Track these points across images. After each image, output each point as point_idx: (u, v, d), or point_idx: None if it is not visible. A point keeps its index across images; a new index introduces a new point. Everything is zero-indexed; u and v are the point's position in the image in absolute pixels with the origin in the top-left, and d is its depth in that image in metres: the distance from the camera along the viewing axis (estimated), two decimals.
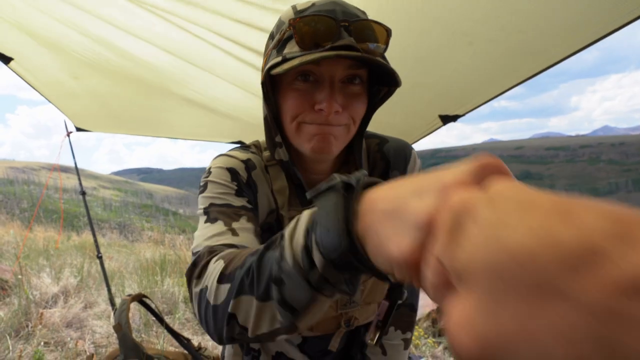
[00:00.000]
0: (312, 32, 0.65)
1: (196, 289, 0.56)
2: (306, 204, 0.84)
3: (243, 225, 0.69)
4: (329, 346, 0.92)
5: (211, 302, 0.51)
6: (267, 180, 0.84)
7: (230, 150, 0.87)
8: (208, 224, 0.68)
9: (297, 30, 0.66)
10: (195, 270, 0.58)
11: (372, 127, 2.32)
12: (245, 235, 0.67)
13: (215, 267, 0.54)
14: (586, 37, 1.23)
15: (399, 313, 0.94)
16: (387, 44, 0.70)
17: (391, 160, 0.88)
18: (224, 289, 0.50)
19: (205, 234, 0.66)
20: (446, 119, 1.93)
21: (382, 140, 0.91)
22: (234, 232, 0.66)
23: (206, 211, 0.71)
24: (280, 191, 0.82)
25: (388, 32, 0.69)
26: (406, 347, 0.97)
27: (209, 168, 0.80)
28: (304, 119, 0.71)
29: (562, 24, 1.22)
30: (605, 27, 1.16)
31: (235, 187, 0.75)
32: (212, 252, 0.60)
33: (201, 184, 0.78)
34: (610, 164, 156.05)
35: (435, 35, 1.36)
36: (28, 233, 4.60)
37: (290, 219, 0.80)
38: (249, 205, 0.74)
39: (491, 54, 1.42)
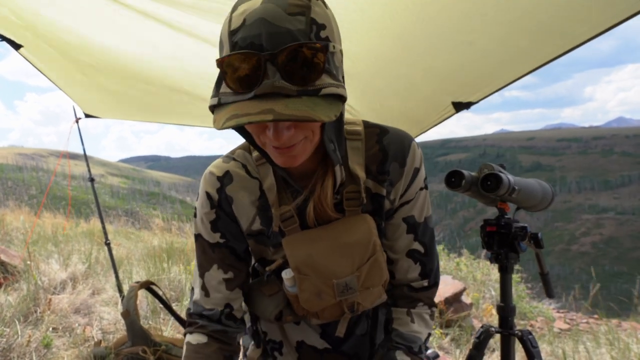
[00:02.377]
0: (238, 74, 0.62)
1: (185, 337, 0.93)
2: (296, 195, 0.86)
3: (213, 275, 0.91)
4: (336, 332, 0.94)
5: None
6: (253, 185, 0.88)
7: (214, 162, 0.92)
8: (195, 266, 0.94)
9: (224, 74, 0.64)
10: (187, 323, 0.94)
11: (383, 113, 2.25)
12: (213, 292, 0.91)
13: (185, 347, 0.91)
14: (609, 18, 1.16)
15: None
16: (325, 60, 0.63)
17: (390, 152, 0.88)
18: None
19: (194, 282, 0.95)
20: (459, 106, 1.87)
21: (382, 130, 0.90)
22: (206, 293, 0.91)
23: (195, 244, 0.94)
24: (269, 189, 0.86)
25: (323, 49, 0.62)
26: None
27: (200, 187, 0.92)
28: (261, 140, 0.72)
29: (585, 3, 1.15)
30: (631, 8, 1.09)
31: (213, 217, 0.90)
32: (191, 318, 0.93)
33: (194, 204, 0.94)
34: (624, 156, 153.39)
35: (450, 16, 1.29)
36: (37, 219, 4.64)
37: (282, 215, 0.85)
38: (222, 240, 0.91)
39: (509, 36, 1.36)
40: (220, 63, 0.64)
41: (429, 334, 0.94)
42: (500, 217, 1.20)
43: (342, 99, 0.66)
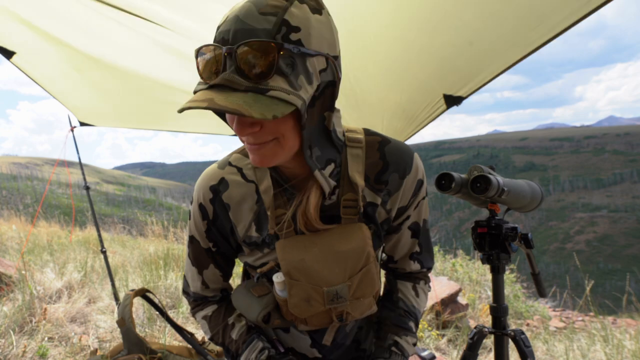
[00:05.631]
0: (204, 64, 0.67)
1: (197, 318, 1.04)
2: (291, 198, 0.86)
3: (211, 272, 0.98)
4: (323, 340, 0.95)
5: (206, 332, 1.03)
6: (249, 189, 0.88)
7: (209, 168, 0.92)
8: (189, 263, 0.99)
9: (197, 63, 0.68)
10: (192, 307, 1.04)
11: (378, 106, 2.26)
12: (212, 284, 1.00)
13: (203, 322, 1.02)
14: (588, 2, 1.18)
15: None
16: (278, 61, 0.64)
17: (390, 162, 0.88)
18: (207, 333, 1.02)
19: (191, 276, 1.00)
20: (450, 100, 1.89)
21: (383, 140, 0.90)
22: (206, 286, 1.00)
23: (189, 244, 0.97)
24: (265, 191, 0.86)
25: (278, 49, 0.63)
26: (414, 343, 0.99)
27: (194, 193, 0.93)
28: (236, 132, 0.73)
29: None
30: None
31: (205, 227, 0.92)
32: (196, 302, 1.03)
33: (189, 207, 0.95)
34: (615, 155, 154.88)
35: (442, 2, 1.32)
36: (32, 228, 4.62)
37: (276, 218, 0.85)
38: (214, 249, 0.95)
39: (496, 22, 1.38)
40: (196, 54, 0.68)
41: None
42: (491, 218, 1.21)
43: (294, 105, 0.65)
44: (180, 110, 0.62)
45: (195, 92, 0.67)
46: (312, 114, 0.72)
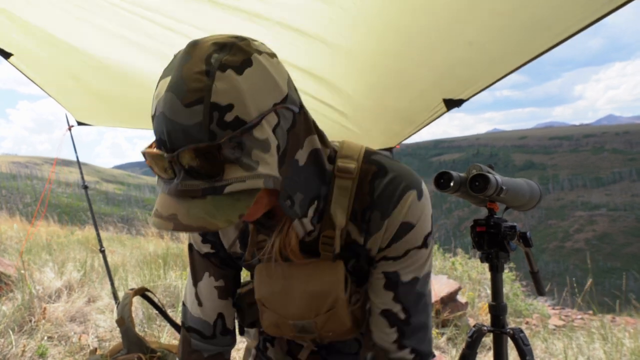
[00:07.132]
0: (155, 167, 0.62)
1: None
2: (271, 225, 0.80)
3: (205, 283, 0.92)
4: (299, 355, 0.96)
5: None
6: None
7: None
8: (189, 276, 0.95)
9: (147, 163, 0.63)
10: (183, 343, 0.96)
11: (376, 112, 2.24)
12: (206, 302, 0.92)
13: None
14: (595, 10, 1.17)
15: None
16: (225, 154, 0.57)
17: (376, 198, 0.76)
18: None
19: (188, 293, 0.95)
20: (450, 104, 1.88)
21: (380, 170, 0.77)
22: (199, 302, 0.92)
23: (189, 256, 0.94)
24: None
25: (217, 146, 0.56)
26: None
27: None
28: None
29: None
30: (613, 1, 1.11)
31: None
32: (186, 342, 0.95)
33: None
34: (615, 153, 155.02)
35: (440, 9, 1.31)
36: (31, 228, 4.63)
37: (259, 242, 0.82)
38: (212, 251, 0.91)
39: (501, 29, 1.37)
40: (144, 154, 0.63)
41: None
42: (490, 217, 1.21)
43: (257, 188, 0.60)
44: (154, 225, 0.61)
45: (158, 187, 0.64)
46: (283, 171, 0.65)
